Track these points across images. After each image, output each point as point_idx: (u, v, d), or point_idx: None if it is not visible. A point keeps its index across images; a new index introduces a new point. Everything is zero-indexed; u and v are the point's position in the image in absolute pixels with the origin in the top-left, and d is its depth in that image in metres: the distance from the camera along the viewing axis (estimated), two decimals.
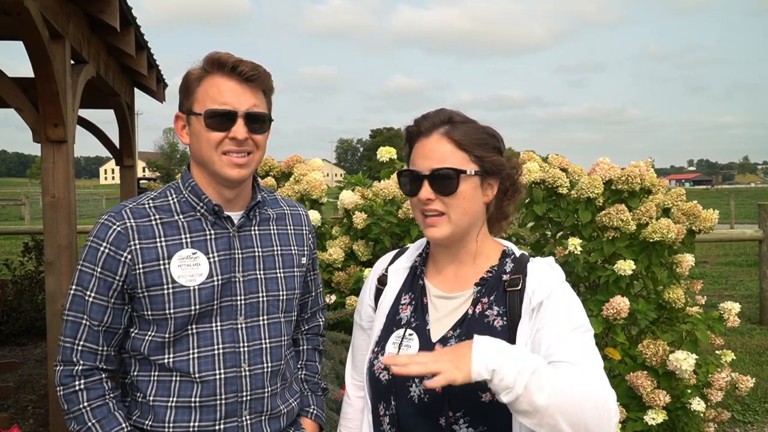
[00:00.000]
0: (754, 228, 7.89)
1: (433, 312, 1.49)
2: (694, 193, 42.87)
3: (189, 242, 1.52)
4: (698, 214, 3.08)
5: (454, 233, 1.45)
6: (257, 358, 1.56)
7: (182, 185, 1.58)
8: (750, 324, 7.46)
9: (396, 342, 1.47)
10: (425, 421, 1.40)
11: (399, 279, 1.57)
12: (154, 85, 7.09)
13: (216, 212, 1.56)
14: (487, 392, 1.35)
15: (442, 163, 1.42)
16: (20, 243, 8.03)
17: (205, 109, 1.49)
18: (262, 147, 1.56)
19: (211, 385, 1.51)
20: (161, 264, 1.49)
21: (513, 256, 1.50)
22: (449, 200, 1.42)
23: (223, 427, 1.52)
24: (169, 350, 1.51)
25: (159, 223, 1.52)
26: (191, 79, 1.53)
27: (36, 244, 7.35)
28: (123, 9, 4.78)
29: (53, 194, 4.21)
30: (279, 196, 1.79)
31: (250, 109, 1.50)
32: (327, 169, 3.84)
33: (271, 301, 1.60)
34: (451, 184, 1.41)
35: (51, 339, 4.20)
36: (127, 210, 1.52)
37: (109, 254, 1.48)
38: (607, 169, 3.10)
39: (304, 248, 1.73)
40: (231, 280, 1.55)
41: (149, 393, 1.52)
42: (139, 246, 1.48)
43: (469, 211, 1.44)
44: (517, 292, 1.42)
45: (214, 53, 1.52)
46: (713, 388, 2.92)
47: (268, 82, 1.56)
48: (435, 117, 1.47)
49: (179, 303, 1.49)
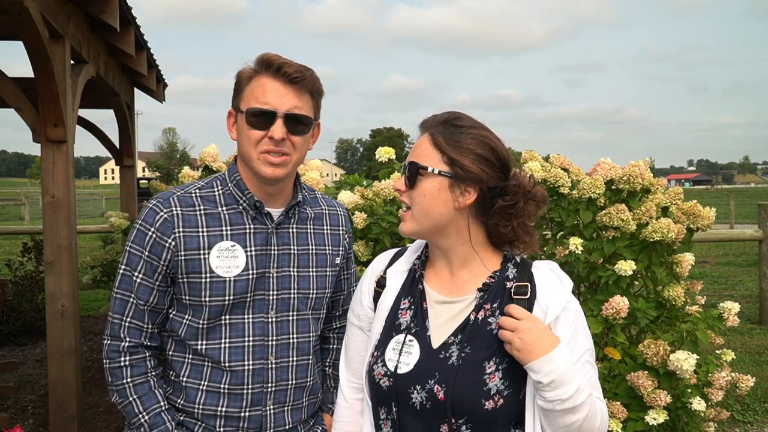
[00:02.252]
0: (754, 228, 7.89)
1: (434, 318, 1.47)
2: (694, 193, 42.87)
3: (229, 235, 1.58)
4: (698, 213, 3.08)
5: (416, 231, 1.48)
6: (284, 352, 1.62)
7: (228, 178, 1.64)
8: (750, 324, 7.47)
9: (396, 348, 1.46)
10: (427, 427, 1.39)
11: (398, 282, 1.56)
12: (154, 85, 7.09)
13: (257, 207, 1.61)
14: (490, 400, 1.35)
15: (414, 158, 1.47)
16: (20, 243, 8.02)
17: (248, 108, 1.54)
18: (301, 148, 1.59)
19: (240, 374, 1.58)
20: (201, 253, 1.56)
21: (514, 260, 1.49)
22: (412, 195, 1.46)
23: (248, 414, 1.59)
24: (203, 337, 1.58)
25: (203, 214, 1.58)
26: (242, 78, 1.58)
27: (36, 244, 7.34)
28: (123, 9, 4.78)
29: (53, 194, 4.21)
30: (320, 195, 1.83)
31: (290, 110, 1.53)
32: (327, 169, 3.88)
33: (301, 299, 1.66)
34: (411, 178, 1.46)
35: (51, 339, 4.21)
36: (174, 198, 1.58)
37: (155, 239, 1.55)
38: (608, 169, 3.10)
39: (339, 248, 1.77)
40: (265, 275, 1.61)
41: (182, 374, 1.61)
42: (183, 234, 1.55)
43: (430, 210, 1.44)
44: (526, 300, 1.41)
45: (265, 54, 1.56)
46: (714, 387, 2.92)
47: (316, 84, 1.59)
48: (435, 118, 1.50)
49: (215, 292, 1.55)
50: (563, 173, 3.04)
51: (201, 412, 1.59)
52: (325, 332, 1.85)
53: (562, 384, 1.30)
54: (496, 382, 1.36)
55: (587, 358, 1.42)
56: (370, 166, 4.07)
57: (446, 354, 1.41)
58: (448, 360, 1.40)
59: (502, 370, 1.37)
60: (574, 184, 3.10)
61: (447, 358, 1.41)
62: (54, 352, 4.19)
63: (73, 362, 4.22)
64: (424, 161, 1.44)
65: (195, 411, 1.59)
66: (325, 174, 3.50)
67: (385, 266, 1.62)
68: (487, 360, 1.38)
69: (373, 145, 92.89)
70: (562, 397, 1.30)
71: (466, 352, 1.39)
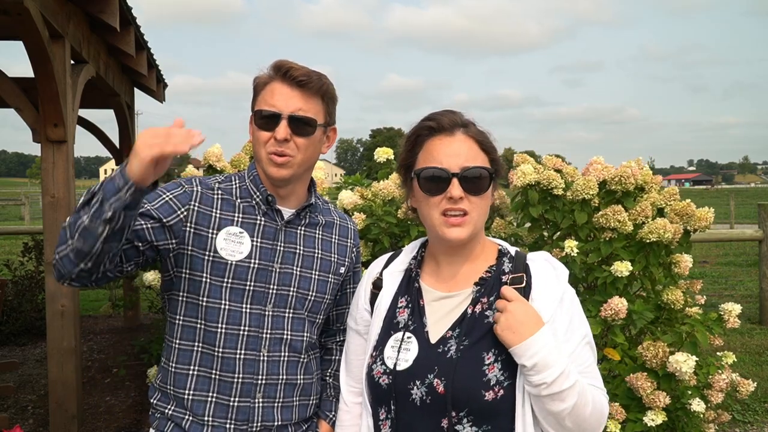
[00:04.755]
0: (754, 228, 7.88)
1: (431, 314, 1.48)
2: (694, 193, 42.87)
3: (240, 222, 1.64)
4: (691, 214, 3.06)
5: (472, 234, 1.45)
6: (276, 347, 1.64)
7: (246, 175, 1.71)
8: (750, 324, 7.46)
9: (395, 345, 1.46)
10: (427, 423, 1.39)
11: (394, 282, 1.57)
12: (154, 85, 7.09)
13: (269, 202, 1.66)
14: (490, 391, 1.35)
15: (473, 162, 1.43)
16: (20, 243, 8.02)
17: (257, 110, 1.62)
18: (306, 150, 1.61)
19: (231, 362, 1.60)
20: (210, 232, 1.61)
21: (509, 255, 1.52)
22: (476, 200, 1.43)
23: (237, 404, 1.61)
24: (202, 317, 1.60)
25: (219, 198, 1.65)
26: (257, 83, 1.65)
27: (36, 244, 7.35)
28: (123, 9, 4.78)
29: (53, 194, 4.21)
30: (333, 207, 1.88)
31: (294, 112, 1.57)
32: (327, 169, 3.86)
33: (299, 298, 1.68)
34: (483, 184, 1.43)
35: (51, 339, 4.21)
36: (196, 179, 1.67)
37: (167, 201, 1.59)
38: (600, 169, 3.09)
39: (345, 259, 1.79)
40: (268, 269, 1.64)
41: (172, 359, 1.63)
42: (198, 209, 1.61)
43: (486, 211, 1.48)
44: (521, 289, 1.42)
45: (277, 60, 1.62)
46: (713, 389, 2.92)
47: (325, 89, 1.63)
48: (454, 116, 1.47)
49: (215, 272, 1.60)
50: (556, 175, 3.03)
51: (191, 399, 1.60)
52: (329, 343, 1.87)
53: (546, 367, 1.30)
54: (495, 373, 1.37)
55: (587, 340, 1.44)
56: (371, 166, 4.09)
57: (445, 348, 1.42)
58: (446, 354, 1.41)
59: (501, 361, 1.38)
60: (568, 185, 3.09)
61: (445, 351, 1.41)
62: (54, 352, 4.19)
63: (73, 362, 4.22)
64: (482, 165, 1.45)
65: (185, 398, 1.60)
66: (325, 174, 3.50)
67: (381, 268, 1.63)
68: (486, 351, 1.39)
69: (374, 145, 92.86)
70: (547, 381, 1.30)
71: (464, 345, 1.40)
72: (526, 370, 1.32)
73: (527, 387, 1.34)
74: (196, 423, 1.60)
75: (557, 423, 1.35)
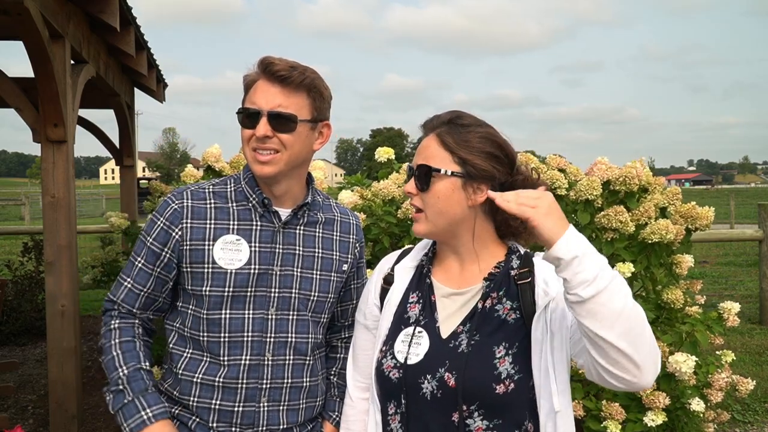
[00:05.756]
0: (754, 228, 7.88)
1: (442, 309, 1.50)
2: (694, 193, 42.86)
3: (235, 229, 1.62)
4: (696, 216, 3.07)
5: (431, 232, 1.49)
6: (281, 350, 1.63)
7: (241, 176, 1.69)
8: (750, 324, 7.46)
9: (405, 340, 1.47)
10: (438, 417, 1.40)
11: (406, 278, 1.58)
12: (154, 85, 7.09)
13: (265, 205, 1.64)
14: (501, 384, 1.36)
15: (423, 160, 1.46)
16: (20, 243, 8.02)
17: (240, 108, 1.61)
18: (292, 146, 1.58)
19: (236, 368, 1.59)
20: (206, 244, 1.60)
21: (518, 253, 1.53)
22: (425, 197, 1.46)
23: (241, 410, 1.60)
24: (205, 329, 1.60)
25: (212, 208, 1.63)
26: (246, 81, 1.63)
27: (36, 244, 7.34)
28: (123, 9, 4.78)
29: (53, 194, 4.21)
30: (334, 202, 1.84)
31: (273, 109, 1.54)
32: (327, 169, 3.86)
33: (302, 299, 1.66)
34: (425, 181, 1.45)
35: (51, 339, 4.21)
36: (188, 191, 1.65)
37: (163, 228, 1.61)
38: (605, 169, 3.09)
39: (347, 255, 1.76)
40: (268, 272, 1.62)
41: (180, 366, 1.63)
42: (190, 225, 1.60)
43: (444, 211, 1.45)
44: (528, 284, 1.44)
45: (263, 56, 1.59)
46: (713, 388, 2.92)
47: (308, 82, 1.57)
48: (439, 117, 1.50)
49: (215, 283, 1.59)
50: (560, 175, 3.04)
51: (196, 405, 1.60)
52: (333, 341, 1.86)
53: (595, 253, 1.21)
54: (506, 366, 1.38)
55: None
56: (371, 166, 4.08)
57: (456, 342, 1.43)
58: (458, 348, 1.42)
59: (512, 354, 1.39)
60: (571, 185, 3.09)
61: (457, 346, 1.42)
62: (54, 352, 4.19)
63: (73, 362, 4.22)
64: (435, 163, 1.44)
65: (190, 404, 1.61)
66: (325, 174, 3.50)
67: (393, 264, 1.64)
68: (497, 345, 1.40)
69: (374, 145, 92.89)
70: (601, 264, 1.20)
71: (475, 339, 1.42)
72: (567, 272, 1.20)
73: (576, 296, 1.19)
74: (201, 425, 1.61)
75: (609, 340, 1.19)
